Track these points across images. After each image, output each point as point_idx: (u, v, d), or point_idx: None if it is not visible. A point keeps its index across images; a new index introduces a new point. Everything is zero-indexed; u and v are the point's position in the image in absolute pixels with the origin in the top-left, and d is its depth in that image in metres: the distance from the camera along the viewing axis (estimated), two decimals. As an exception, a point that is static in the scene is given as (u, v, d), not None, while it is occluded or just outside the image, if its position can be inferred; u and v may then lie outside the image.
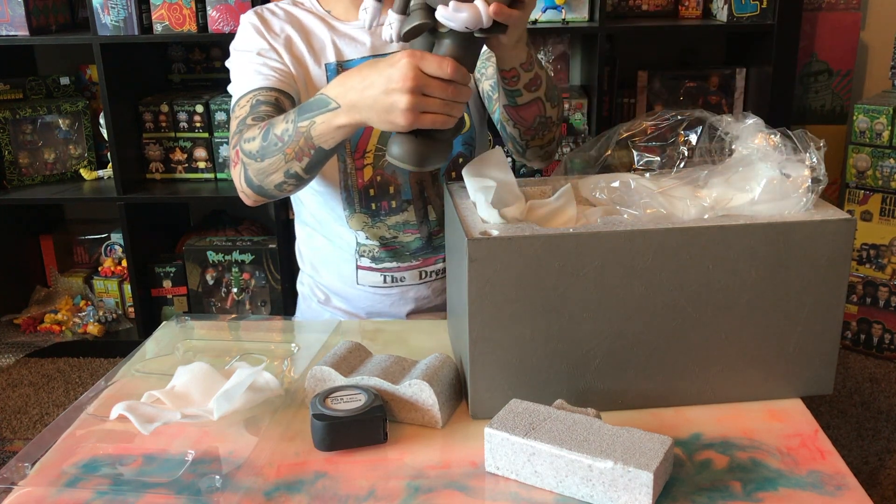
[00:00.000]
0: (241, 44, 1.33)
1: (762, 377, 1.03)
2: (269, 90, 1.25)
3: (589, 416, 0.92)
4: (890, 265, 2.54)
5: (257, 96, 1.24)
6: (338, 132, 1.05)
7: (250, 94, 1.24)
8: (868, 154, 2.50)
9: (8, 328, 2.84)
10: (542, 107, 1.19)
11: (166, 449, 0.97)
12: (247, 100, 1.24)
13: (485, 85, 1.36)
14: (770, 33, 2.46)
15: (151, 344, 1.26)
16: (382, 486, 0.90)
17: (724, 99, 2.66)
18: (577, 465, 0.85)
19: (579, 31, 2.53)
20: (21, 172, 2.75)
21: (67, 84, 2.85)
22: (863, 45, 2.81)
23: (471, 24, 0.92)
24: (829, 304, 1.00)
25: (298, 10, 1.37)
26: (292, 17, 1.35)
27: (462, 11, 0.91)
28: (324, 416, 0.95)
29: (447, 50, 0.96)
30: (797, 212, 0.99)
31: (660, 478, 0.84)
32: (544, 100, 1.18)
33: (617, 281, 0.97)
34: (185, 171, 2.72)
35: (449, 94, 0.95)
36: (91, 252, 3.01)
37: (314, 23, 1.35)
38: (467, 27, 0.92)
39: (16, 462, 0.95)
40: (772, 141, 1.05)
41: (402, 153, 1.00)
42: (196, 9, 2.47)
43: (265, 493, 0.90)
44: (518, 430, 0.89)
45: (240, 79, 1.29)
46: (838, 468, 0.92)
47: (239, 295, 2.75)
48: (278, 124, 1.10)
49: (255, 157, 1.13)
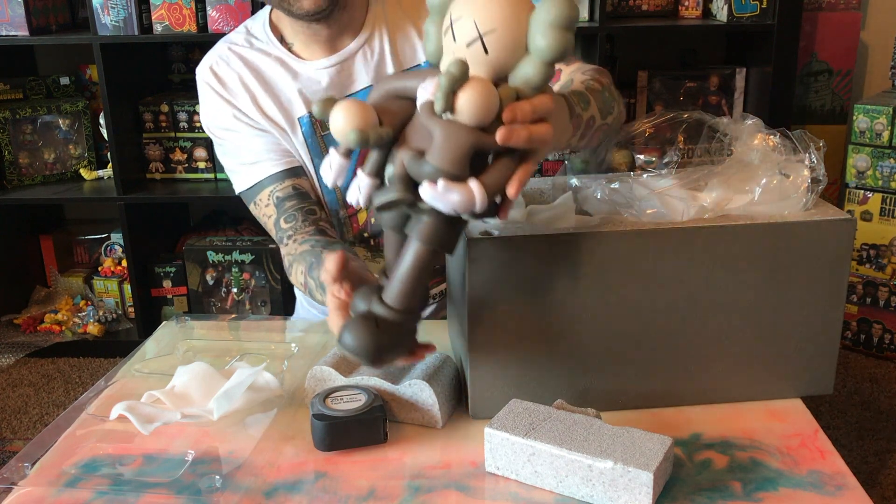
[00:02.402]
0: (211, 117, 1.27)
1: (762, 377, 1.03)
2: (281, 180, 1.25)
3: (589, 416, 0.92)
4: (890, 265, 2.54)
5: (275, 192, 1.24)
6: None
7: (267, 192, 1.24)
8: (868, 154, 2.50)
9: (8, 328, 2.84)
10: (604, 127, 1.08)
11: (166, 449, 0.97)
12: (266, 197, 1.25)
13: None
14: (770, 33, 2.46)
15: (151, 344, 1.26)
16: (382, 486, 0.90)
17: (724, 99, 2.66)
18: (577, 465, 0.85)
19: (579, 30, 2.53)
20: (21, 172, 2.75)
21: (67, 84, 2.85)
22: (863, 44, 2.81)
23: (461, 210, 0.76)
24: (829, 304, 1.00)
25: (255, 54, 1.26)
26: (251, 67, 1.25)
27: (453, 193, 0.75)
28: (324, 415, 0.95)
29: (423, 233, 0.80)
30: (797, 212, 0.99)
31: (660, 478, 0.84)
32: (603, 121, 1.06)
33: (617, 281, 0.97)
34: (185, 171, 2.72)
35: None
36: (91, 252, 3.01)
37: (275, 71, 1.25)
38: (456, 211, 0.77)
39: (16, 462, 0.95)
40: (771, 141, 1.05)
41: (353, 344, 0.83)
42: (196, 9, 2.47)
43: (265, 493, 0.90)
44: (518, 430, 0.89)
45: (235, 163, 1.27)
46: (838, 468, 0.91)
47: (239, 295, 2.75)
48: (313, 290, 1.16)
49: (299, 287, 1.21)
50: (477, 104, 0.74)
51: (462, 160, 0.76)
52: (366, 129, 0.77)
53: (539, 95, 0.78)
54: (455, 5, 0.78)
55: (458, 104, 0.74)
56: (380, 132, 0.78)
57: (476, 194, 0.76)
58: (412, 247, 0.82)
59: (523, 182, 0.78)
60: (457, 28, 0.77)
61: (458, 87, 0.74)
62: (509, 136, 0.75)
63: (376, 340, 0.82)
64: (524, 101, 0.77)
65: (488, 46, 0.76)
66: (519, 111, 0.76)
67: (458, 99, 0.74)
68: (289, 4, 1.15)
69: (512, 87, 0.78)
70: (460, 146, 0.76)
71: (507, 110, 0.76)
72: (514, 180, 0.78)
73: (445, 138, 0.76)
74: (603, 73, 1.13)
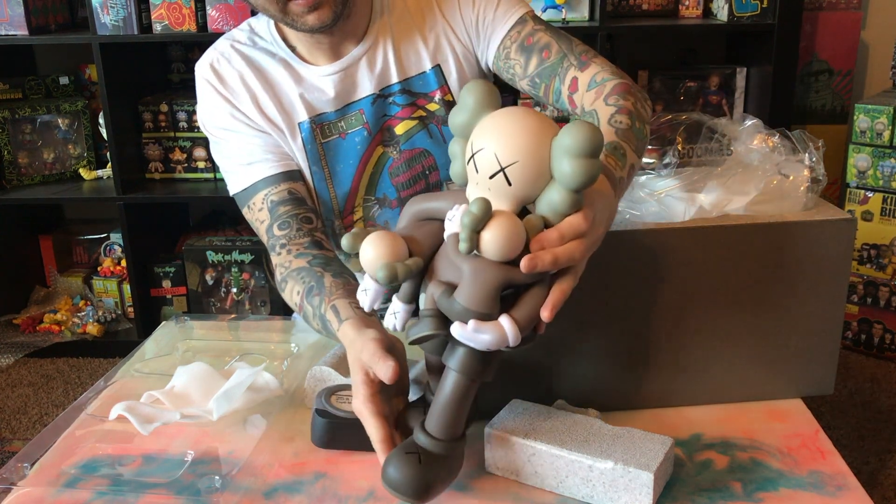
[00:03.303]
0: (209, 114, 1.24)
1: (763, 377, 1.03)
2: (276, 183, 1.19)
3: (589, 416, 0.92)
4: (891, 265, 2.54)
5: (269, 196, 1.19)
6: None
7: (261, 195, 1.19)
8: (869, 154, 2.50)
9: (7, 328, 2.84)
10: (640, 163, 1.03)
11: (166, 449, 0.97)
12: (260, 200, 1.19)
13: (522, 84, 1.22)
14: (770, 33, 2.46)
15: (151, 344, 1.25)
16: (382, 486, 0.89)
17: (725, 98, 2.66)
18: (578, 465, 0.85)
19: (579, 30, 2.53)
20: (20, 172, 2.75)
21: (67, 84, 2.85)
22: (863, 44, 2.81)
23: (494, 347, 0.76)
24: (829, 304, 1.00)
25: (259, 55, 1.23)
26: (254, 66, 1.22)
27: (484, 333, 0.74)
28: (327, 413, 0.95)
29: (459, 364, 0.80)
30: (797, 212, 0.99)
31: (660, 478, 0.84)
32: (640, 158, 1.00)
33: (617, 280, 0.97)
34: (184, 171, 2.72)
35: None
36: (90, 252, 3.01)
37: (278, 73, 1.22)
38: (489, 349, 0.77)
39: (15, 462, 0.95)
40: (770, 142, 1.05)
41: (398, 480, 0.81)
42: (195, 8, 2.46)
43: (265, 493, 0.90)
44: (518, 430, 0.89)
45: (230, 163, 1.23)
46: (839, 468, 0.91)
47: (238, 295, 2.75)
48: (308, 316, 1.07)
49: (292, 306, 1.13)
50: (501, 242, 0.73)
51: (491, 299, 0.76)
52: (394, 265, 0.76)
53: (567, 219, 0.76)
54: (477, 134, 0.77)
55: (483, 243, 0.74)
56: (409, 266, 0.77)
57: (508, 333, 0.75)
58: (450, 377, 0.81)
59: (558, 304, 0.76)
60: (479, 159, 0.76)
61: (482, 227, 0.73)
62: (533, 265, 0.74)
63: (421, 476, 0.81)
64: (551, 231, 0.75)
65: (511, 178, 0.74)
66: (546, 242, 0.75)
67: (483, 238, 0.73)
68: (292, 21, 1.12)
69: (538, 216, 0.76)
70: (488, 284, 0.75)
71: (534, 242, 0.75)
72: (549, 304, 0.76)
73: (473, 276, 0.76)
74: (625, 89, 1.06)
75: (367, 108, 1.23)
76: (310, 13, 1.10)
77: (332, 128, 1.23)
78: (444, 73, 1.24)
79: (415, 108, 1.25)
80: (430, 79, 1.24)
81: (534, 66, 1.18)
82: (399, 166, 1.26)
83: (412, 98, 1.24)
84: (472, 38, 1.24)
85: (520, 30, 1.20)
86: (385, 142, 1.25)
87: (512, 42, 1.20)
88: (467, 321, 0.74)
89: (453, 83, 1.24)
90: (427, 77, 1.24)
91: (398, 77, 1.23)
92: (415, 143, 1.26)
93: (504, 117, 0.76)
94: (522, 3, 1.23)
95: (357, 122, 1.24)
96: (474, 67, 1.26)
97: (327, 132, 1.23)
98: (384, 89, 1.23)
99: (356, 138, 1.24)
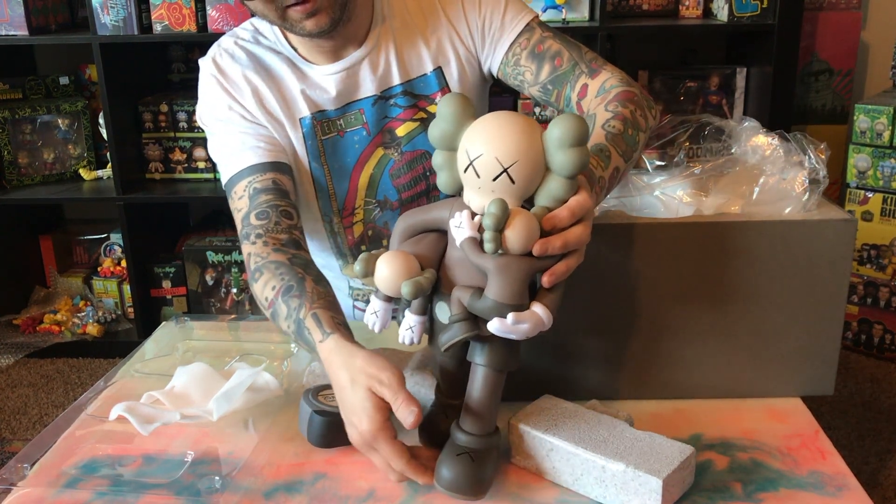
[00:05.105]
0: (209, 107, 1.23)
1: (763, 377, 1.03)
2: (262, 171, 1.16)
3: (619, 418, 0.92)
4: (891, 265, 2.54)
5: (253, 183, 1.15)
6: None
7: (245, 182, 1.16)
8: (869, 154, 2.50)
9: (7, 328, 2.84)
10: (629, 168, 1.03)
11: (166, 450, 0.97)
12: (243, 188, 1.16)
13: (532, 91, 1.23)
14: (771, 33, 2.46)
15: (151, 344, 1.25)
16: (382, 486, 0.89)
17: (725, 99, 2.66)
18: (592, 464, 0.85)
19: (579, 30, 2.52)
20: (20, 172, 2.75)
21: (67, 84, 2.85)
22: (863, 44, 2.81)
23: (532, 335, 0.81)
24: (829, 304, 1.00)
25: (263, 52, 1.23)
26: (257, 63, 1.23)
27: (524, 324, 0.79)
28: (324, 412, 0.94)
29: (493, 360, 0.85)
30: (797, 212, 0.99)
31: (673, 486, 0.84)
32: (627, 163, 1.01)
33: (616, 278, 0.97)
34: (184, 171, 2.72)
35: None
36: (90, 252, 3.00)
37: (282, 69, 1.22)
38: (528, 337, 0.81)
39: (15, 463, 0.95)
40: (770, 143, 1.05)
41: (454, 480, 0.84)
42: (196, 8, 2.46)
43: (265, 493, 0.90)
44: (540, 424, 0.90)
45: (222, 154, 1.21)
46: (839, 468, 0.91)
47: (238, 295, 2.75)
48: (280, 315, 1.03)
49: (261, 307, 1.09)
50: (524, 236, 0.78)
51: (523, 291, 0.81)
52: (418, 280, 0.83)
53: (574, 198, 0.82)
54: (470, 142, 0.81)
55: (508, 240, 0.79)
56: (428, 279, 0.84)
57: (544, 318, 0.80)
58: (482, 373, 0.86)
59: (560, 275, 0.81)
60: (478, 165, 0.80)
61: (504, 226, 0.78)
62: (545, 249, 0.79)
63: (476, 473, 0.85)
64: (561, 209, 0.81)
65: (514, 177, 0.80)
66: (558, 220, 0.80)
67: (507, 236, 0.78)
68: (291, 26, 1.12)
69: (541, 206, 0.82)
70: (518, 278, 0.80)
71: (547, 221, 0.80)
72: (552, 271, 0.81)
73: (502, 273, 0.80)
74: (628, 97, 1.06)
75: (367, 109, 1.24)
76: (308, 19, 1.10)
77: (331, 125, 1.23)
78: (446, 76, 1.24)
79: (416, 110, 1.25)
80: (431, 81, 1.24)
81: (546, 74, 1.20)
82: (400, 168, 1.26)
83: (414, 100, 1.24)
84: (477, 42, 1.24)
85: (528, 37, 1.21)
86: (386, 143, 1.25)
87: (522, 49, 1.21)
88: (504, 316, 0.78)
89: (454, 85, 1.25)
90: (428, 79, 1.24)
91: (400, 79, 1.24)
92: (416, 145, 1.26)
93: (494, 122, 0.81)
94: (528, 9, 1.24)
95: (356, 122, 1.24)
96: (476, 71, 1.26)
97: (327, 129, 1.23)
98: (385, 91, 1.24)
99: (354, 137, 1.24)
